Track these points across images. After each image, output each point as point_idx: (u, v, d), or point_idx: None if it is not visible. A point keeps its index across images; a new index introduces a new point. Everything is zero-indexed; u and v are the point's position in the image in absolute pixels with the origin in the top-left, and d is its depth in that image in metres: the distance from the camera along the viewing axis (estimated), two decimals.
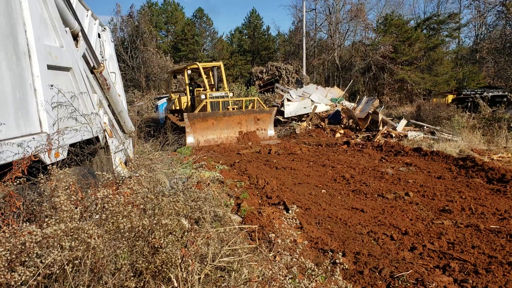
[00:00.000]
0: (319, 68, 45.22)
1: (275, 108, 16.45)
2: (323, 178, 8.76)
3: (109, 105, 6.99)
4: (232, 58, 51.13)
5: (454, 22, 43.65)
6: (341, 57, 43.39)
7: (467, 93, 19.71)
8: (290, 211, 3.00)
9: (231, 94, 15.74)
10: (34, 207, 3.27)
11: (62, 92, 4.73)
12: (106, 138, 6.19)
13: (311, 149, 12.96)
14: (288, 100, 19.50)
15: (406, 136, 13.86)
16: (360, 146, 12.95)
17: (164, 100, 23.73)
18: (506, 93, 18.56)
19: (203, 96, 14.92)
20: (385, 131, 14.66)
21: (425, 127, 14.82)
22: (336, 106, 19.58)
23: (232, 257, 2.99)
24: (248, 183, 8.10)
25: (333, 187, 7.99)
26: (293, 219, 2.99)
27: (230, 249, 2.98)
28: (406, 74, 38.16)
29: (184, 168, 6.84)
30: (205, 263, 2.81)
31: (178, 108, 17.20)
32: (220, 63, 16.51)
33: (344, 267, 3.76)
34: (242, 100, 16.29)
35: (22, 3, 4.32)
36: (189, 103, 16.42)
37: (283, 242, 2.92)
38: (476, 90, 19.45)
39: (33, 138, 4.07)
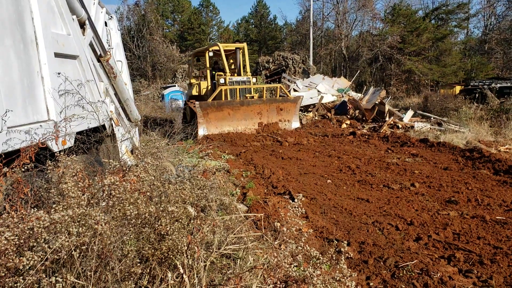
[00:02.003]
0: (326, 58, 44.97)
1: (301, 97, 15.05)
2: (329, 169, 8.76)
3: (116, 94, 7.01)
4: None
5: (463, 12, 43.09)
6: (348, 47, 43.11)
7: (475, 84, 19.55)
8: (296, 200, 3.00)
9: (254, 80, 14.04)
10: (42, 193, 3.31)
11: (69, 80, 4.74)
12: (112, 126, 6.21)
13: (317, 140, 12.93)
14: (295, 90, 19.45)
15: (412, 127, 13.79)
16: (366, 136, 12.91)
17: (170, 89, 23.76)
18: None
19: (222, 81, 13.38)
20: (392, 122, 14.60)
21: (432, 118, 14.74)
22: (343, 96, 19.50)
23: (238, 245, 3.01)
24: (254, 172, 8.12)
25: (339, 177, 7.98)
26: (299, 208, 3.00)
27: (235, 237, 3.00)
28: (413, 65, 37.86)
29: (190, 157, 6.87)
30: (211, 251, 2.83)
31: (197, 93, 15.49)
32: (244, 45, 14.47)
33: (349, 256, 3.79)
34: (263, 87, 14.68)
35: None
36: (209, 88, 14.80)
37: (288, 231, 2.93)
38: (484, 81, 19.27)
39: (41, 125, 4.10)
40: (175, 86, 25.24)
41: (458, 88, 21.76)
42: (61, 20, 5.05)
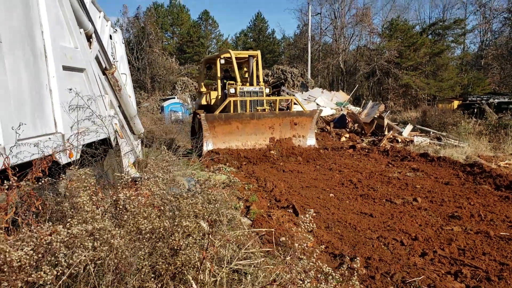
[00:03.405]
0: (323, 72, 45.23)
1: (318, 111, 14.21)
2: (330, 182, 8.77)
3: (119, 106, 7.03)
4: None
5: (460, 28, 43.61)
6: (346, 62, 43.43)
7: (473, 99, 19.72)
8: (307, 216, 3.02)
9: (267, 90, 12.94)
10: (53, 207, 3.31)
11: (78, 94, 4.76)
12: (117, 139, 6.22)
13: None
14: (295, 104, 19.50)
15: (412, 141, 13.86)
16: (366, 150, 12.95)
17: (170, 101, 23.82)
18: None
19: (232, 90, 12.42)
20: (391, 136, 14.66)
21: (431, 133, 14.81)
22: (342, 110, 19.61)
23: (249, 260, 3.01)
24: (256, 185, 8.12)
25: (341, 191, 7.99)
26: (310, 224, 3.01)
27: (246, 252, 3.00)
28: (410, 79, 38.16)
29: (194, 170, 6.88)
30: (222, 266, 2.83)
31: (207, 103, 14.41)
32: (258, 53, 13.27)
33: (357, 272, 3.78)
34: (276, 99, 13.57)
35: (39, 4, 4.36)
36: (219, 98, 13.76)
37: (300, 246, 2.94)
38: (482, 97, 19.45)
39: (49, 138, 4.10)
40: (174, 98, 25.31)
41: (456, 103, 21.94)
42: (69, 33, 5.08)
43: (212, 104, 14.09)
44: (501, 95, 20.97)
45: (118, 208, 2.63)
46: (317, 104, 19.05)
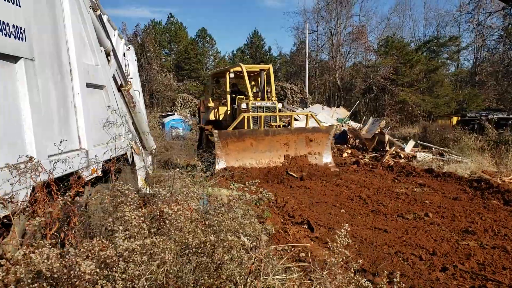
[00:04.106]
0: (320, 88, 45.60)
1: (334, 127, 13.87)
2: (339, 198, 8.81)
3: (133, 123, 7.08)
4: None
5: (455, 45, 44.28)
6: (342, 78, 43.86)
7: (472, 115, 19.97)
8: (339, 235, 3.06)
9: (279, 105, 12.50)
10: (85, 221, 3.34)
11: (112, 109, 4.82)
12: (133, 155, 6.26)
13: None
14: (295, 119, 19.64)
15: (414, 157, 13.96)
16: (370, 166, 13.03)
17: (170, 117, 23.89)
18: (511, 115, 18.82)
19: (244, 106, 11.85)
20: (393, 152, 14.77)
21: (433, 149, 14.94)
22: (343, 126, 19.74)
23: (284, 275, 3.04)
24: (266, 201, 8.14)
25: (351, 206, 8.03)
26: (345, 238, 3.06)
27: (283, 267, 3.03)
28: (407, 96, 38.60)
29: (209, 187, 6.92)
30: (261, 280, 2.85)
31: (215, 118, 13.90)
32: (270, 66, 12.95)
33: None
34: (291, 115, 13.28)
35: (65, 22, 4.44)
36: (229, 113, 13.32)
37: (335, 260, 2.98)
38: (481, 113, 19.72)
39: (78, 154, 4.15)
40: (174, 114, 25.40)
41: (455, 119, 22.18)
42: (90, 51, 5.16)
43: (221, 119, 13.67)
44: (497, 111, 21.25)
45: (163, 223, 2.66)
46: (316, 120, 19.20)
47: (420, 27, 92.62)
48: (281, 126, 12.39)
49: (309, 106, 23.29)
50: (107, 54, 5.86)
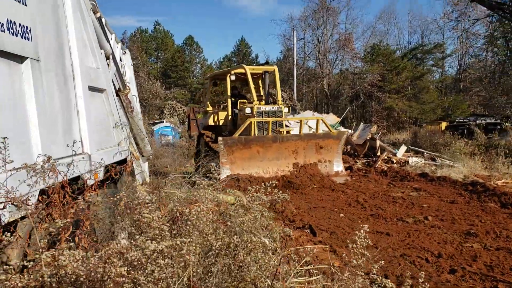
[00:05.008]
0: (308, 96, 45.82)
1: (346, 133, 13.31)
2: (336, 202, 8.78)
3: (130, 128, 6.98)
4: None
5: (439, 52, 44.97)
6: (330, 85, 44.10)
7: (460, 120, 20.23)
8: (358, 236, 3.01)
9: (285, 110, 11.78)
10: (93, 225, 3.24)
11: (104, 113, 4.72)
12: (132, 160, 6.15)
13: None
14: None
15: (407, 162, 14.04)
16: (364, 171, 13.06)
17: (159, 125, 23.69)
18: (498, 120, 19.12)
19: (248, 110, 11.10)
20: (386, 157, 14.83)
21: (425, 154, 15.04)
22: None
23: (304, 278, 2.98)
24: (265, 206, 8.06)
25: (350, 211, 8.00)
26: (364, 240, 3.01)
27: (304, 269, 2.97)
28: (393, 102, 38.99)
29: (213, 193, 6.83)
30: (284, 281, 2.79)
31: (214, 123, 13.08)
32: (275, 68, 12.20)
33: None
34: (300, 120, 12.54)
35: (68, 25, 4.35)
36: (230, 118, 12.57)
37: (356, 262, 2.93)
38: (469, 118, 20.02)
39: (83, 158, 4.04)
40: (163, 122, 25.21)
41: (444, 125, 22.45)
42: (91, 54, 5.07)
43: (221, 125, 12.93)
44: (484, 116, 21.54)
45: (184, 224, 2.58)
46: (309, 127, 19.20)
47: (405, 34, 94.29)
48: (290, 132, 11.78)
49: (299, 113, 23.33)
50: (107, 58, 5.77)
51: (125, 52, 7.71)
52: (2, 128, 2.85)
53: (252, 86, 11.58)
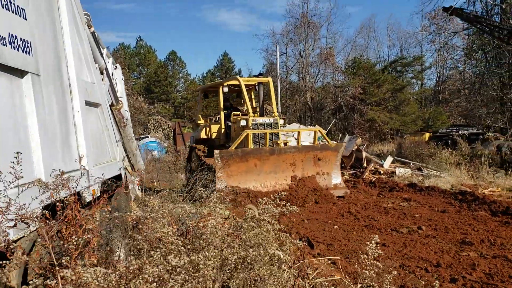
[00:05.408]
0: (291, 108, 46.09)
1: (344, 144, 13.12)
2: (329, 214, 8.79)
3: (122, 143, 6.89)
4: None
5: (419, 65, 45.89)
6: (313, 98, 44.49)
7: (443, 131, 20.57)
8: (370, 247, 3.01)
9: (281, 121, 11.61)
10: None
11: (99, 128, 4.66)
12: (126, 175, 6.07)
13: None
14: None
15: (394, 173, 14.16)
16: (352, 182, 13.13)
17: (144, 140, 23.48)
18: (480, 130, 19.51)
19: (243, 123, 10.82)
20: (373, 168, 14.94)
21: (411, 164, 15.22)
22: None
23: None
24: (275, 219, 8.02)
25: (343, 222, 8.01)
26: (376, 251, 3.00)
27: (317, 282, 2.94)
28: (375, 114, 39.50)
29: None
30: None
31: (207, 137, 12.83)
32: (269, 79, 12.12)
33: None
34: (298, 132, 12.11)
35: (65, 39, 4.31)
36: (223, 131, 12.34)
37: (367, 273, 2.92)
38: (451, 129, 20.37)
39: (82, 173, 3.96)
40: (148, 137, 25.01)
41: (427, 135, 22.79)
42: (87, 69, 5.01)
43: (213, 138, 12.67)
44: (465, 127, 21.97)
45: (196, 238, 2.54)
46: (295, 139, 19.30)
47: (384, 48, 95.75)
48: (287, 144, 11.58)
49: (286, 125, 23.42)
50: (100, 72, 5.71)
51: (116, 67, 7.65)
52: (3, 143, 2.78)
53: (247, 97, 11.41)
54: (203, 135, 12.83)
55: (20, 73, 3.20)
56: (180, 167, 17.81)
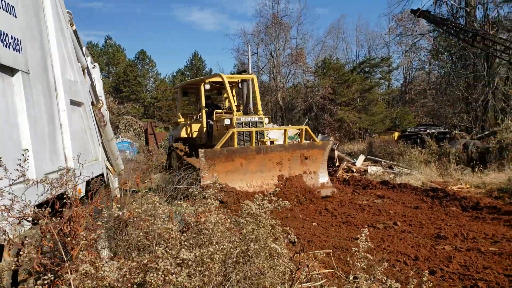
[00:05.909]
0: (263, 109, 46.25)
1: (330, 143, 12.98)
2: (306, 212, 8.94)
3: (102, 143, 6.82)
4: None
5: (386, 66, 46.97)
6: (284, 98, 44.84)
7: (412, 130, 21.16)
8: (360, 240, 3.13)
9: (266, 120, 11.53)
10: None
11: (82, 127, 4.62)
12: (108, 175, 6.03)
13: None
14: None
15: (366, 171, 14.50)
16: None
17: (116, 141, 23.13)
18: (447, 129, 20.17)
19: (227, 121, 10.64)
20: (346, 166, 15.24)
21: (382, 162, 15.60)
22: (293, 143, 20.10)
23: (312, 283, 3.05)
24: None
25: (321, 219, 8.18)
26: (366, 243, 3.13)
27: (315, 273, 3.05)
28: (344, 114, 40.17)
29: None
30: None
31: (187, 136, 12.58)
32: (253, 76, 11.90)
33: None
34: (285, 130, 11.82)
35: (50, 37, 4.27)
36: (205, 130, 12.14)
37: (360, 265, 3.04)
38: (419, 128, 20.97)
39: (68, 172, 3.93)
40: (119, 137, 24.62)
41: (396, 134, 23.39)
42: (70, 67, 4.95)
43: (194, 137, 12.45)
44: (432, 126, 22.64)
45: (197, 234, 2.60)
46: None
47: (353, 49, 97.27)
48: (274, 142, 11.32)
49: (270, 124, 23.58)
50: (83, 71, 5.65)
51: (95, 65, 7.55)
52: None
53: (231, 95, 11.13)
54: (183, 134, 12.57)
55: (10, 71, 3.17)
56: (153, 167, 17.65)
